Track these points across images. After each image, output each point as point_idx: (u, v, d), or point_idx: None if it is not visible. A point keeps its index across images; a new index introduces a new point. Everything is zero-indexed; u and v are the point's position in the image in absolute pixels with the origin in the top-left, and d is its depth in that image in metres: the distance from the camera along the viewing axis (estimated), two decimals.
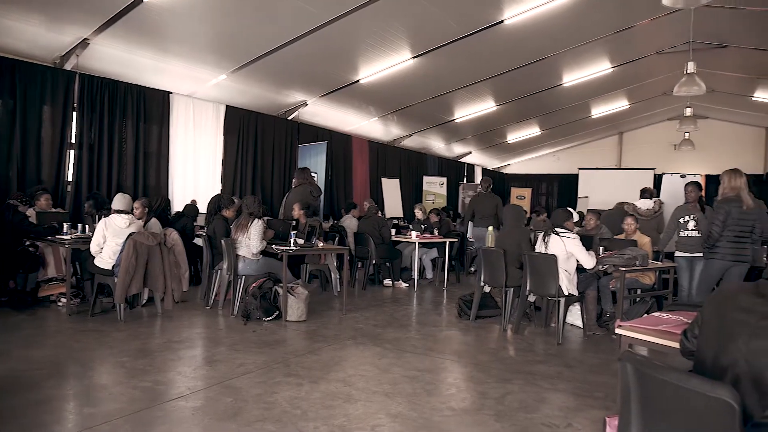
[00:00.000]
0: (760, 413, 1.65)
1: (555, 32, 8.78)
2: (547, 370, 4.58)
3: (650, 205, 7.99)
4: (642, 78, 12.53)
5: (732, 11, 8.65)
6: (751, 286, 1.84)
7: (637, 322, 2.49)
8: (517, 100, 12.31)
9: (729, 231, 5.23)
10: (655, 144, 17.65)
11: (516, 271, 6.03)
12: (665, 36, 10.11)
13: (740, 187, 5.25)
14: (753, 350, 1.69)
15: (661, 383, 1.59)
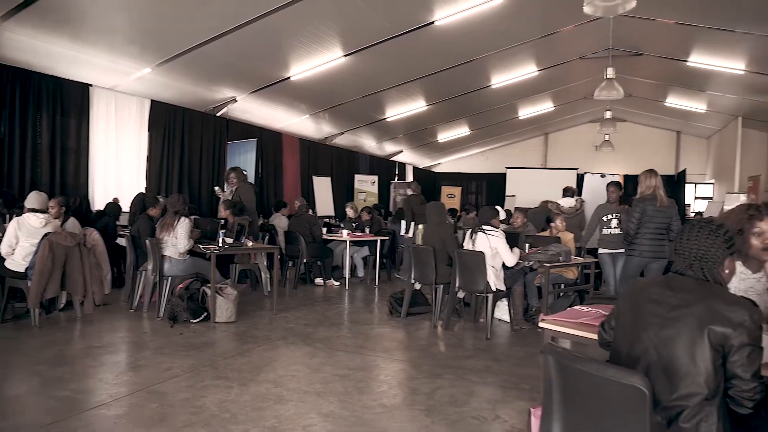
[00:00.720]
0: (668, 398, 1.76)
1: (484, 35, 9.00)
2: (476, 365, 4.69)
3: (572, 204, 8.34)
4: (566, 81, 13.06)
5: (646, 21, 9.16)
6: (662, 280, 1.96)
7: (559, 315, 2.60)
8: (448, 100, 12.55)
9: (646, 228, 5.53)
10: (578, 145, 18.44)
11: (445, 268, 6.14)
12: (587, 42, 10.57)
13: (656, 186, 5.58)
14: (663, 339, 1.80)
15: (580, 373, 1.67)
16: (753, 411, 1.78)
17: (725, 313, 1.74)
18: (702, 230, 1.95)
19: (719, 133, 16.50)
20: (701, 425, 1.72)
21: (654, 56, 11.13)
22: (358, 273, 9.44)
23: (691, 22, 8.99)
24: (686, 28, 9.17)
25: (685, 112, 15.19)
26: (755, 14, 8.36)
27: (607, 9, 5.73)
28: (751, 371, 1.73)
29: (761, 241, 2.58)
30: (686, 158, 18.04)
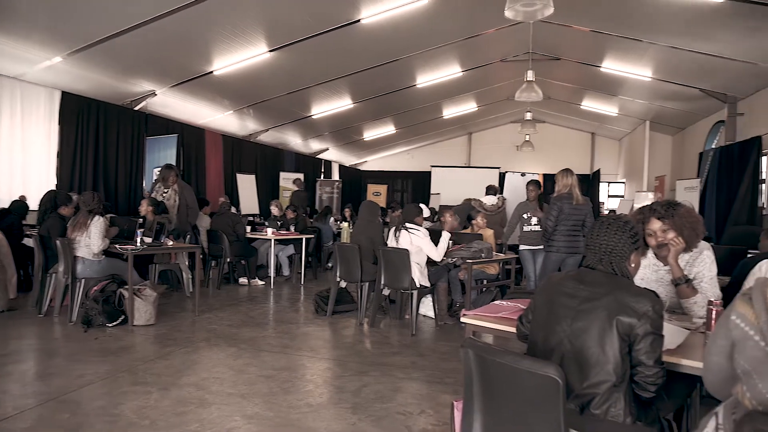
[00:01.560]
0: (581, 386, 1.86)
1: (409, 35, 9.11)
2: (401, 361, 4.75)
3: (494, 201, 8.60)
4: (488, 83, 13.44)
5: (564, 28, 9.58)
6: (574, 274, 2.07)
7: (480, 310, 2.67)
8: (373, 99, 12.61)
9: (563, 225, 5.80)
10: (501, 144, 19.03)
11: (371, 266, 6.18)
12: (508, 45, 10.92)
13: (572, 185, 5.86)
14: (575, 331, 1.90)
15: (498, 366, 1.73)
16: (655, 395, 1.91)
17: (631, 304, 1.86)
18: (610, 227, 2.07)
19: (629, 136, 17.50)
20: (610, 410, 1.83)
21: (571, 61, 11.66)
22: (283, 272, 9.33)
23: (604, 30, 9.47)
24: (600, 35, 9.66)
25: (599, 115, 16.01)
26: (660, 27, 8.93)
27: (527, 14, 5.94)
28: (654, 358, 1.85)
29: (655, 240, 2.78)
30: (600, 158, 19.00)
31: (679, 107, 13.15)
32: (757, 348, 1.35)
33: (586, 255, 2.13)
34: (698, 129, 13.97)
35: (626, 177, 18.14)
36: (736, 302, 1.47)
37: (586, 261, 2.11)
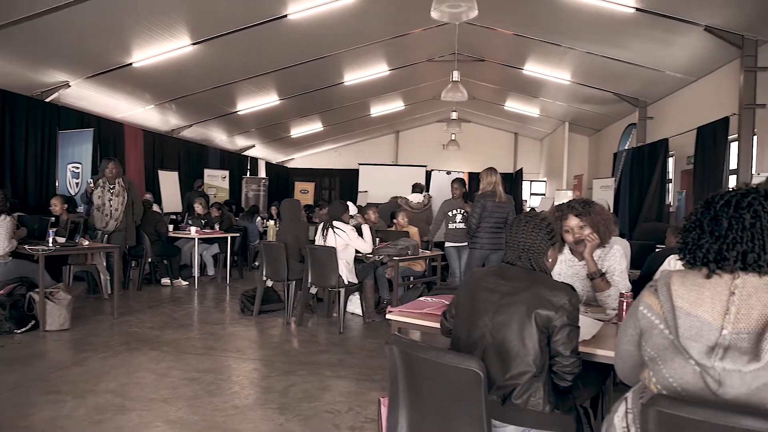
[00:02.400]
0: (502, 378, 1.93)
1: (337, 32, 9.08)
2: (329, 359, 4.74)
3: (420, 199, 8.73)
4: (415, 82, 13.61)
5: (488, 30, 9.84)
6: (495, 269, 2.14)
7: (406, 307, 2.71)
8: (301, 96, 12.48)
9: (486, 222, 5.96)
10: (427, 143, 19.31)
11: (297, 265, 6.13)
12: (435, 45, 11.10)
13: (495, 183, 6.04)
14: (496, 324, 1.96)
15: (422, 361, 1.76)
16: (572, 384, 2.01)
17: (549, 297, 1.94)
18: (528, 224, 2.16)
19: (550, 136, 18.21)
20: (530, 400, 1.90)
21: (495, 63, 11.99)
22: (208, 272, 9.08)
23: (525, 34, 9.81)
24: (522, 39, 10.00)
25: (521, 116, 16.57)
26: (577, 33, 9.34)
27: (452, 15, 6.06)
28: (571, 348, 1.94)
29: (572, 236, 2.92)
30: (523, 158, 19.66)
31: (595, 110, 13.82)
32: (662, 336, 1.45)
33: (506, 251, 2.21)
34: (613, 131, 14.73)
35: (547, 176, 18.88)
36: (644, 294, 1.56)
37: (506, 257, 2.19)
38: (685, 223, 1.57)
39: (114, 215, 6.82)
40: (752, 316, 1.33)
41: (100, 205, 6.78)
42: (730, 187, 1.59)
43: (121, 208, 6.85)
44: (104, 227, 6.78)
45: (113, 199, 6.83)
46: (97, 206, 6.78)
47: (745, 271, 1.39)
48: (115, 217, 6.81)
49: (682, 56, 9.33)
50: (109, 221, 6.79)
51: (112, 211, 6.82)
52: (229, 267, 8.76)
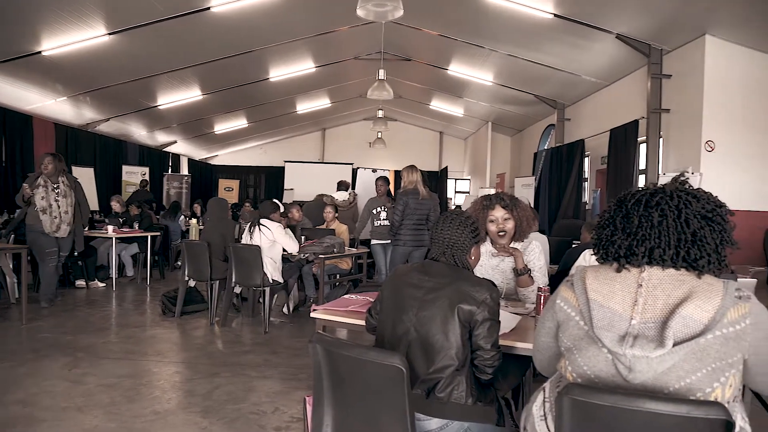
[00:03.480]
0: (426, 372, 1.96)
1: (262, 26, 8.93)
2: (254, 359, 4.66)
3: (346, 197, 8.73)
4: (342, 80, 13.59)
5: (414, 30, 9.96)
6: (419, 266, 2.17)
7: (330, 305, 2.70)
8: (225, 91, 12.19)
9: (408, 220, 6.04)
10: (354, 141, 19.34)
11: (221, 264, 5.98)
12: (362, 44, 11.13)
13: (417, 180, 6.12)
14: (421, 319, 2.00)
15: (346, 358, 1.76)
16: (493, 376, 2.07)
17: (471, 293, 1.99)
18: (453, 222, 2.20)
19: (474, 136, 18.68)
20: (453, 393, 1.95)
21: (420, 62, 12.16)
22: (126, 272, 8.69)
23: (450, 35, 10.01)
24: (447, 40, 10.19)
25: (446, 115, 16.90)
26: (500, 36, 9.63)
27: (378, 14, 6.10)
28: (491, 342, 2.00)
29: (495, 226, 3.00)
30: (447, 156, 20.06)
31: (517, 111, 14.30)
32: (578, 327, 1.52)
33: (431, 248, 2.25)
34: (533, 131, 15.29)
35: (471, 174, 19.35)
36: (561, 288, 1.63)
37: (431, 254, 2.23)
38: (599, 220, 1.65)
39: (65, 219, 6.24)
40: (657, 306, 1.42)
41: (45, 207, 6.12)
42: (641, 185, 1.69)
43: (70, 210, 6.31)
44: (55, 231, 6.20)
45: (60, 200, 6.22)
46: (41, 208, 6.11)
47: (651, 265, 1.48)
48: (66, 220, 6.24)
49: (597, 62, 9.81)
50: (61, 225, 6.21)
51: (61, 213, 6.21)
52: (149, 267, 8.42)
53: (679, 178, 1.60)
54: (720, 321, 1.35)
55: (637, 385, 1.39)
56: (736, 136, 8.09)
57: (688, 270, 1.46)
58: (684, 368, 1.35)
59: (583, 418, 1.36)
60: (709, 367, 1.35)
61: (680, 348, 1.34)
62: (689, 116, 8.24)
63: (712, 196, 1.54)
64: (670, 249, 1.46)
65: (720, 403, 1.28)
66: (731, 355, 1.35)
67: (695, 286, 1.42)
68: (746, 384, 1.49)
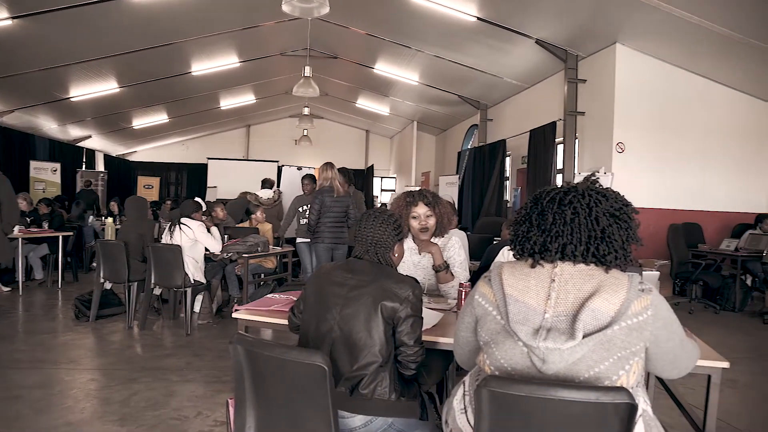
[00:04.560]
0: (350, 369, 1.97)
1: (184, 18, 8.64)
2: (176, 363, 4.51)
3: (270, 195, 8.61)
4: (267, 76, 13.38)
5: (341, 28, 9.95)
6: (343, 264, 2.18)
7: (253, 305, 2.65)
8: (144, 84, 11.69)
9: (326, 218, 6.03)
10: (279, 138, 19.09)
11: (139, 264, 5.75)
12: (288, 40, 10.99)
13: (332, 178, 6.11)
14: (344, 317, 2.00)
15: (267, 359, 1.74)
16: (416, 371, 2.10)
17: (394, 290, 2.01)
18: (376, 220, 2.22)
19: (399, 134, 18.88)
20: (377, 389, 1.96)
21: (347, 60, 12.16)
22: (35, 275, 8.18)
23: (377, 34, 10.07)
24: (373, 39, 10.25)
25: (372, 114, 16.99)
26: (425, 37, 9.78)
27: (303, 10, 6.05)
28: (414, 338, 2.04)
29: (418, 223, 3.06)
30: (374, 155, 20.18)
31: (442, 110, 14.57)
32: (495, 321, 1.57)
33: (354, 246, 2.26)
34: (457, 131, 15.63)
35: (397, 172, 19.55)
36: (479, 284, 1.68)
37: (354, 251, 2.24)
38: (515, 217, 1.71)
39: None
40: (569, 300, 1.49)
41: None
42: (558, 184, 1.77)
43: None
44: None
45: None
46: None
47: (563, 261, 1.56)
48: None
49: (517, 65, 10.16)
50: None
51: None
52: (61, 269, 7.94)
53: (590, 177, 1.69)
54: (625, 313, 1.44)
55: (551, 376, 1.45)
56: (643, 138, 8.61)
57: (597, 265, 1.55)
58: (593, 358, 1.43)
59: (501, 409, 1.41)
60: (616, 356, 1.43)
61: (589, 339, 1.42)
62: (602, 119, 8.68)
63: (620, 196, 1.64)
64: (581, 245, 1.54)
65: (625, 388, 1.36)
66: (635, 344, 1.44)
67: (603, 280, 1.50)
68: (648, 370, 1.59)
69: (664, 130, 8.78)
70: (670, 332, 1.52)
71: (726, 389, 4.15)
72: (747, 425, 3.53)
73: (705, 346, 2.19)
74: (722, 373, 2.09)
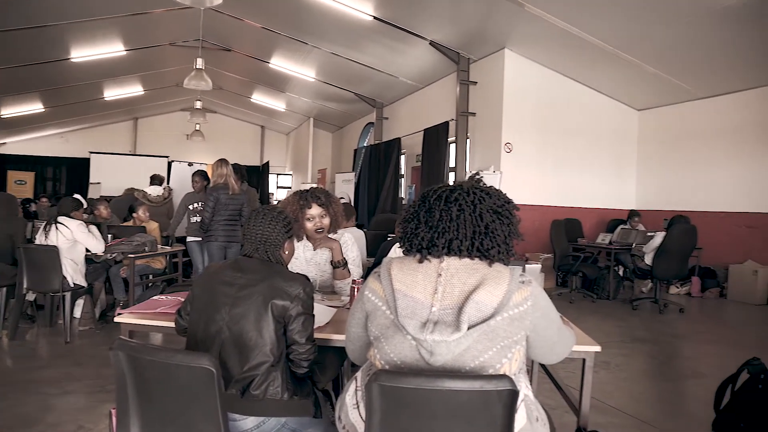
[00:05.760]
0: (240, 370, 1.93)
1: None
2: (53, 374, 4.17)
3: (160, 192, 8.22)
4: (156, 66, 12.73)
5: (235, 20, 9.67)
6: (232, 262, 2.12)
7: (137, 308, 2.52)
8: (13, 69, 10.68)
9: (220, 215, 5.87)
10: (170, 132, 18.25)
11: (8, 268, 5.26)
12: (179, 29, 10.52)
13: (227, 174, 5.96)
14: (234, 317, 1.96)
15: (151, 364, 1.66)
16: (309, 370, 2.09)
17: (284, 288, 1.99)
18: (265, 217, 2.19)
19: (296, 131, 18.70)
20: (269, 389, 1.94)
21: (242, 54, 11.86)
22: None
23: (273, 28, 9.90)
24: (269, 33, 10.06)
25: (268, 109, 16.69)
26: (322, 34, 9.75)
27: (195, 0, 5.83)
28: (306, 336, 2.03)
29: (313, 225, 3.05)
30: (270, 151, 19.84)
31: (338, 108, 14.60)
32: (384, 316, 1.60)
33: (243, 244, 2.21)
34: (353, 128, 15.74)
35: (293, 169, 19.36)
36: (369, 280, 1.70)
37: (244, 250, 2.19)
38: (404, 214, 1.75)
39: None
40: (455, 294, 1.54)
41: None
42: (451, 182, 1.84)
43: None
44: None
45: None
46: None
47: (449, 256, 1.61)
48: None
49: (413, 65, 10.39)
50: None
51: None
52: None
53: (475, 176, 1.77)
54: (507, 304, 1.52)
55: (439, 367, 1.50)
56: (529, 139, 9.12)
57: (481, 259, 1.62)
58: (478, 348, 1.49)
59: (392, 403, 1.44)
60: (499, 346, 1.50)
61: (474, 330, 1.48)
62: (491, 120, 9.09)
63: (502, 193, 1.72)
64: (467, 240, 1.60)
65: (507, 376, 1.44)
66: (516, 333, 1.53)
67: (486, 273, 1.57)
68: (529, 356, 1.69)
69: (547, 132, 9.35)
70: (548, 321, 1.63)
71: (601, 371, 4.50)
72: (618, 402, 3.84)
73: (580, 332, 2.36)
74: (595, 356, 2.27)
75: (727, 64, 8.01)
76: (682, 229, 6.98)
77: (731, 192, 8.83)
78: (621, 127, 10.21)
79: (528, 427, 1.55)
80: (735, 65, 8.00)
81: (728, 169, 8.87)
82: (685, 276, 7.83)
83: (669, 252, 6.95)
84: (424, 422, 1.46)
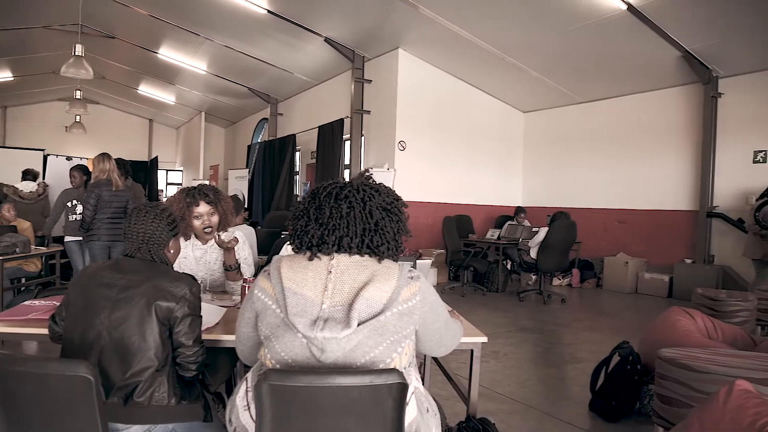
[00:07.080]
0: (123, 377, 1.82)
1: None
2: None
3: (34, 188, 7.59)
4: (29, 51, 11.72)
5: (120, 6, 9.12)
6: (111, 263, 2.00)
7: (6, 314, 2.31)
8: None
9: (103, 213, 5.52)
10: (46, 123, 16.87)
11: None
12: (54, 12, 9.74)
13: (110, 170, 5.61)
14: (114, 321, 1.85)
15: (20, 375, 1.53)
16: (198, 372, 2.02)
17: (169, 288, 1.91)
18: (147, 215, 2.08)
19: (186, 125, 17.96)
20: (154, 395, 1.84)
21: (127, 42, 11.20)
22: None
23: (162, 17, 9.43)
24: (158, 21, 9.58)
25: (157, 102, 15.90)
26: (215, 25, 9.43)
27: None
28: (193, 338, 1.95)
29: (201, 222, 2.95)
30: (158, 146, 18.90)
31: (231, 102, 14.20)
32: (274, 315, 1.58)
33: (125, 243, 2.09)
34: (247, 124, 15.38)
35: (184, 165, 18.59)
36: (259, 278, 1.68)
37: (125, 249, 2.07)
38: (293, 212, 1.73)
39: None
40: (345, 290, 1.56)
41: None
42: (346, 179, 1.84)
43: None
44: None
45: None
46: None
47: (339, 253, 1.62)
48: None
49: (308, 61, 10.32)
50: None
51: None
52: None
53: (365, 173, 1.79)
54: (396, 299, 1.55)
55: (330, 364, 1.51)
56: (421, 138, 9.36)
57: (371, 256, 1.64)
58: (368, 344, 1.51)
59: (282, 402, 1.44)
60: (389, 341, 1.53)
61: (364, 326, 1.50)
62: (386, 118, 9.23)
63: (391, 191, 1.76)
64: (357, 237, 1.62)
65: (396, 370, 1.47)
66: (405, 328, 1.57)
67: (376, 270, 1.60)
68: (419, 350, 1.74)
69: (440, 131, 9.65)
70: (436, 315, 1.68)
71: (490, 360, 4.72)
72: (506, 389, 4.05)
73: (468, 324, 2.46)
74: (484, 346, 2.37)
75: (600, 73, 8.68)
76: (563, 224, 7.47)
77: (605, 190, 9.58)
78: (508, 127, 10.75)
79: (419, 418, 1.59)
80: (607, 74, 8.69)
81: (603, 169, 9.62)
82: (566, 268, 8.40)
83: (551, 246, 7.41)
84: (316, 420, 1.47)
